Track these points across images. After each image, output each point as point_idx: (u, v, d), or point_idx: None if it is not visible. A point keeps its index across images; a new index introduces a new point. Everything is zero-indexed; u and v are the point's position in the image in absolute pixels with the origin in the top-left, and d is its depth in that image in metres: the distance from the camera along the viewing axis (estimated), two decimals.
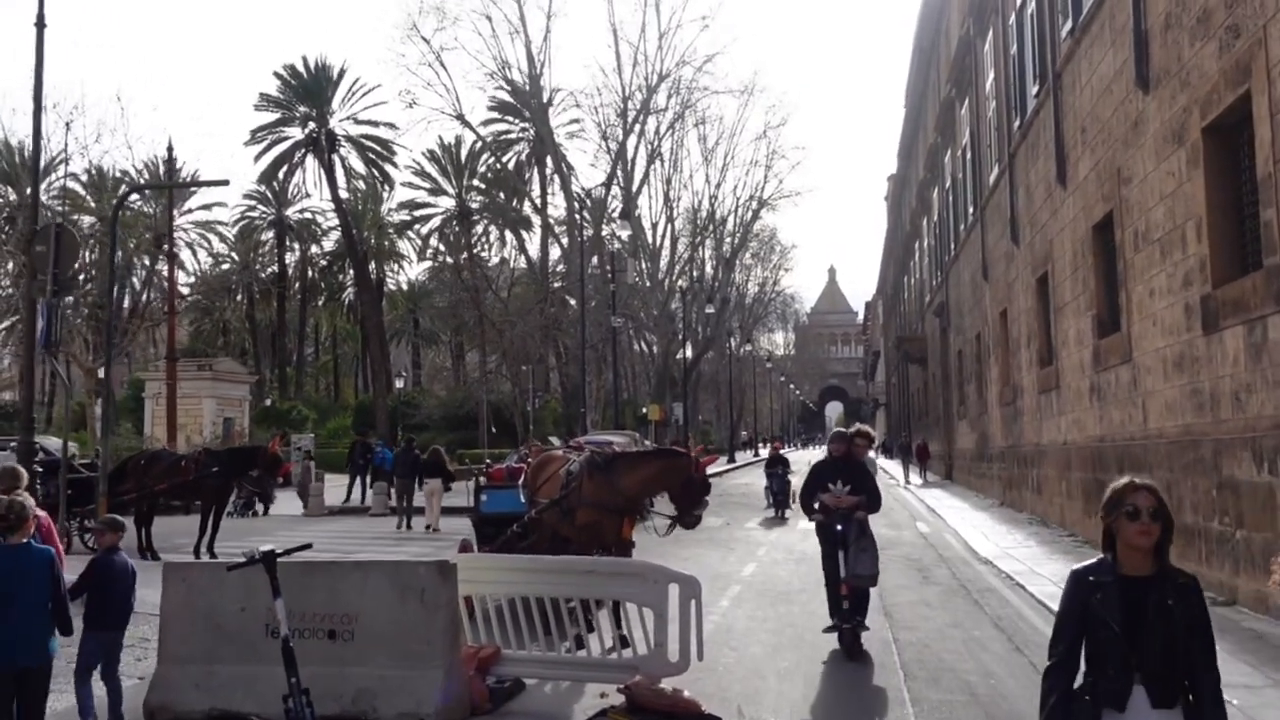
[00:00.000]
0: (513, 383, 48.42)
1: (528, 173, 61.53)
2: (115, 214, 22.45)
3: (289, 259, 72.77)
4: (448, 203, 67.29)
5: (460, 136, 63.49)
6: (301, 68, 61.05)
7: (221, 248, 71.71)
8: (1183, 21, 12.87)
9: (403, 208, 69.06)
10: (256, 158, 63.33)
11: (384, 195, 68.22)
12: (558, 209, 56.23)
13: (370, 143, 63.62)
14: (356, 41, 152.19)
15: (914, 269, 58.45)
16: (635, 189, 53.62)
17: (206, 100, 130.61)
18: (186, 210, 64.71)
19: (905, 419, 65.35)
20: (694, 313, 59.75)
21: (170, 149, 43.04)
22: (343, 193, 61.17)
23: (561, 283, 53.75)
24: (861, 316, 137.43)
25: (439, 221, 67.84)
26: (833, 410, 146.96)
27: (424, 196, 67.86)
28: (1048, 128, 20.46)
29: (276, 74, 61.22)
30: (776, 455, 28.23)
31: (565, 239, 53.73)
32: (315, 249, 74.07)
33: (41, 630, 6.46)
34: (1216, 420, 12.30)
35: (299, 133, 62.07)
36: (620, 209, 49.84)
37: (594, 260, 49.48)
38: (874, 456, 13.85)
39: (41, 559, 6.55)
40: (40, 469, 17.33)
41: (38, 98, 15.58)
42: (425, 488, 24.02)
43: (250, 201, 70.07)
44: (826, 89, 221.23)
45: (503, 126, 61.77)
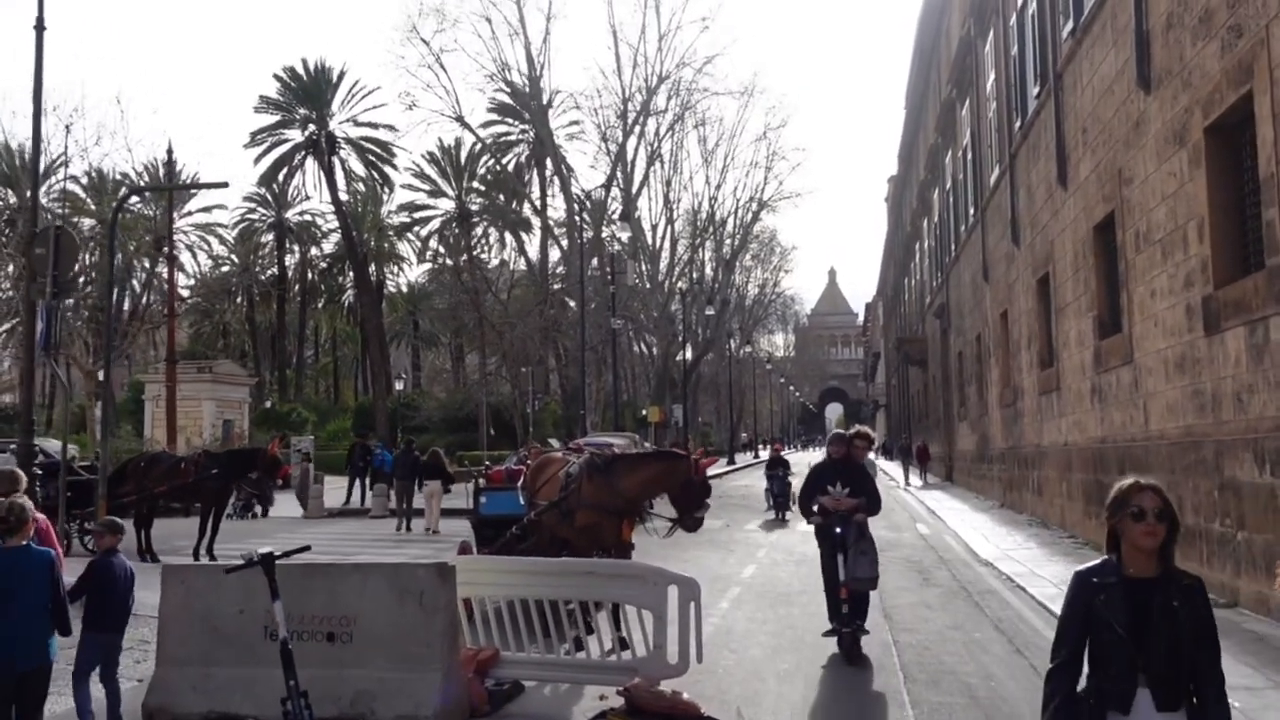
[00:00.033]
0: (512, 384, 48.40)
1: (527, 174, 61.59)
2: (114, 216, 22.42)
3: (289, 261, 72.87)
4: (447, 205, 67.39)
5: (460, 138, 63.69)
6: (301, 70, 61.18)
7: (221, 250, 71.90)
8: (1185, 21, 12.85)
9: (402, 210, 69.25)
10: (256, 160, 63.52)
11: (384, 197, 68.39)
12: (557, 211, 56.32)
13: (370, 145, 63.72)
14: (356, 44, 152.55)
15: (914, 270, 58.43)
16: (635, 191, 53.58)
17: (206, 103, 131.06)
18: (186, 213, 64.90)
19: (905, 420, 65.32)
20: (694, 314, 59.69)
21: (170, 151, 43.09)
22: (342, 195, 61.22)
23: (561, 284, 53.71)
24: (862, 318, 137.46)
25: (439, 223, 67.99)
26: (833, 412, 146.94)
27: (424, 198, 68.02)
28: (1049, 128, 20.43)
29: (276, 76, 61.43)
30: (777, 457, 28.20)
31: (565, 241, 53.76)
32: (315, 251, 74.23)
33: (41, 632, 6.46)
34: (1218, 421, 12.28)
35: (299, 135, 62.17)
36: (620, 211, 49.73)
37: (594, 262, 49.39)
38: (874, 458, 13.77)
39: (41, 561, 6.55)
40: (40, 471, 17.30)
41: (37, 100, 15.55)
42: (425, 490, 24.01)
43: (250, 204, 70.25)
44: (827, 90, 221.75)
45: (502, 128, 61.89)
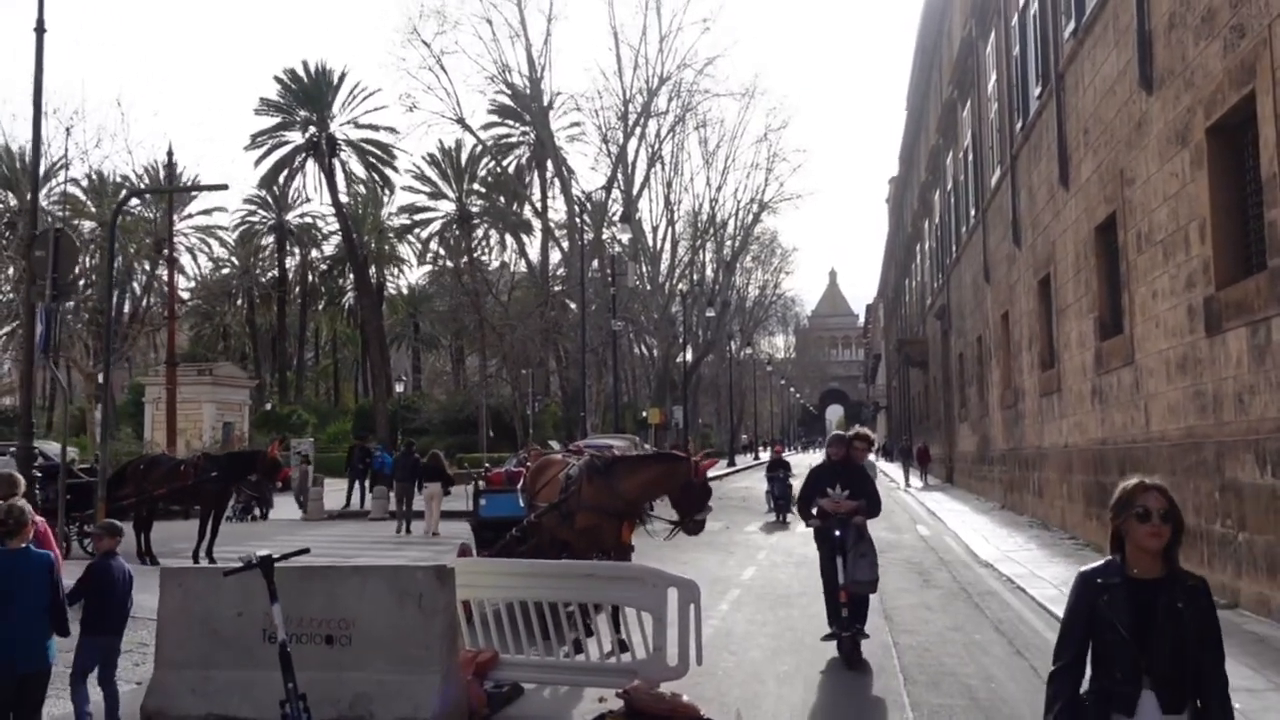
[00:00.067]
0: (513, 386, 48.42)
1: (528, 176, 61.57)
2: (114, 219, 22.40)
3: (289, 263, 72.93)
4: (448, 207, 67.40)
5: (460, 140, 63.69)
6: (302, 72, 61.23)
7: (222, 252, 71.94)
8: (1187, 21, 12.82)
9: (403, 212, 69.28)
10: (257, 162, 63.67)
11: (384, 199, 68.48)
12: (558, 213, 56.32)
13: (370, 147, 63.75)
14: (357, 46, 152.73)
15: (915, 271, 58.40)
16: (636, 192, 53.53)
17: (207, 105, 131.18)
18: (187, 215, 64.92)
19: (906, 422, 65.28)
20: (694, 316, 59.67)
21: (170, 154, 43.20)
22: (343, 197, 61.26)
23: (562, 286, 53.70)
24: (862, 319, 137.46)
25: (439, 225, 67.95)
26: (833, 413, 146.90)
27: (424, 200, 68.02)
28: (1050, 129, 20.41)
29: (277, 78, 61.48)
30: (778, 459, 28.15)
31: (565, 243, 53.76)
32: (315, 253, 74.26)
33: (41, 635, 6.45)
34: (1219, 422, 12.24)
35: (299, 137, 62.22)
36: (621, 212, 49.62)
37: (594, 264, 49.40)
38: (874, 460, 13.67)
39: (40, 563, 6.55)
40: (39, 474, 17.29)
41: (37, 103, 15.54)
42: (425, 492, 24.00)
43: (250, 206, 70.29)
44: (828, 92, 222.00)
45: (503, 130, 61.88)
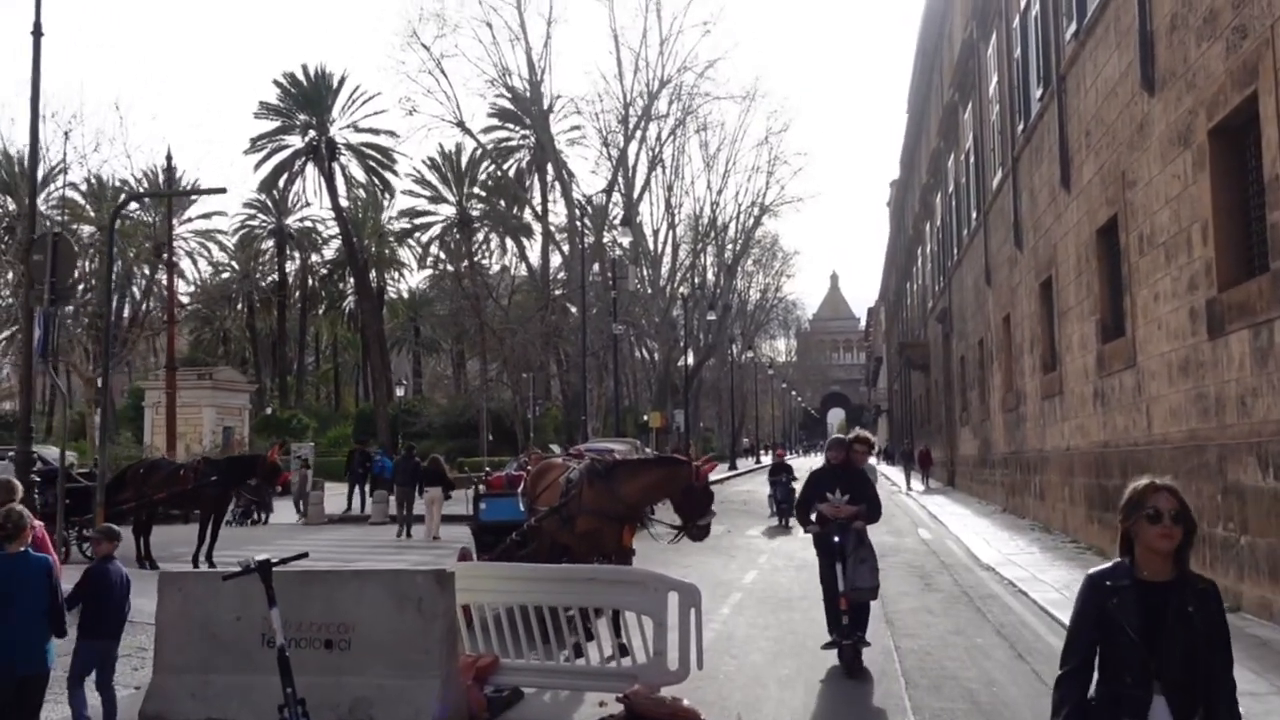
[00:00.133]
0: (513, 390, 48.33)
1: (528, 180, 61.48)
2: (112, 222, 22.31)
3: (289, 267, 72.93)
4: (448, 210, 67.32)
5: (460, 144, 63.63)
6: (301, 76, 61.20)
7: (221, 256, 71.95)
8: (1189, 22, 12.79)
9: (403, 216, 69.21)
10: (256, 166, 63.55)
11: (384, 203, 68.41)
12: (558, 216, 56.21)
13: (370, 151, 63.69)
14: (357, 49, 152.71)
15: (916, 275, 58.39)
16: (636, 196, 53.47)
17: (206, 109, 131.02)
18: (186, 219, 64.76)
19: (908, 425, 65.26)
20: (695, 320, 59.66)
21: (169, 158, 43.12)
22: (343, 201, 61.20)
23: (562, 290, 53.65)
24: (864, 323, 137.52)
25: (440, 229, 67.85)
26: (834, 417, 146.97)
27: (424, 204, 67.94)
28: (1051, 131, 20.38)
29: (276, 82, 61.42)
30: (780, 463, 28.09)
31: (566, 246, 53.72)
32: (315, 257, 74.29)
33: (39, 638, 6.45)
34: (1221, 425, 12.21)
35: (299, 141, 62.18)
36: (621, 216, 49.58)
37: (595, 267, 49.39)
38: (874, 463, 13.57)
39: (39, 567, 6.56)
40: (38, 479, 17.28)
41: (35, 106, 15.48)
42: (425, 496, 23.99)
43: (250, 210, 70.32)
44: (829, 94, 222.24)
45: (503, 134, 61.77)
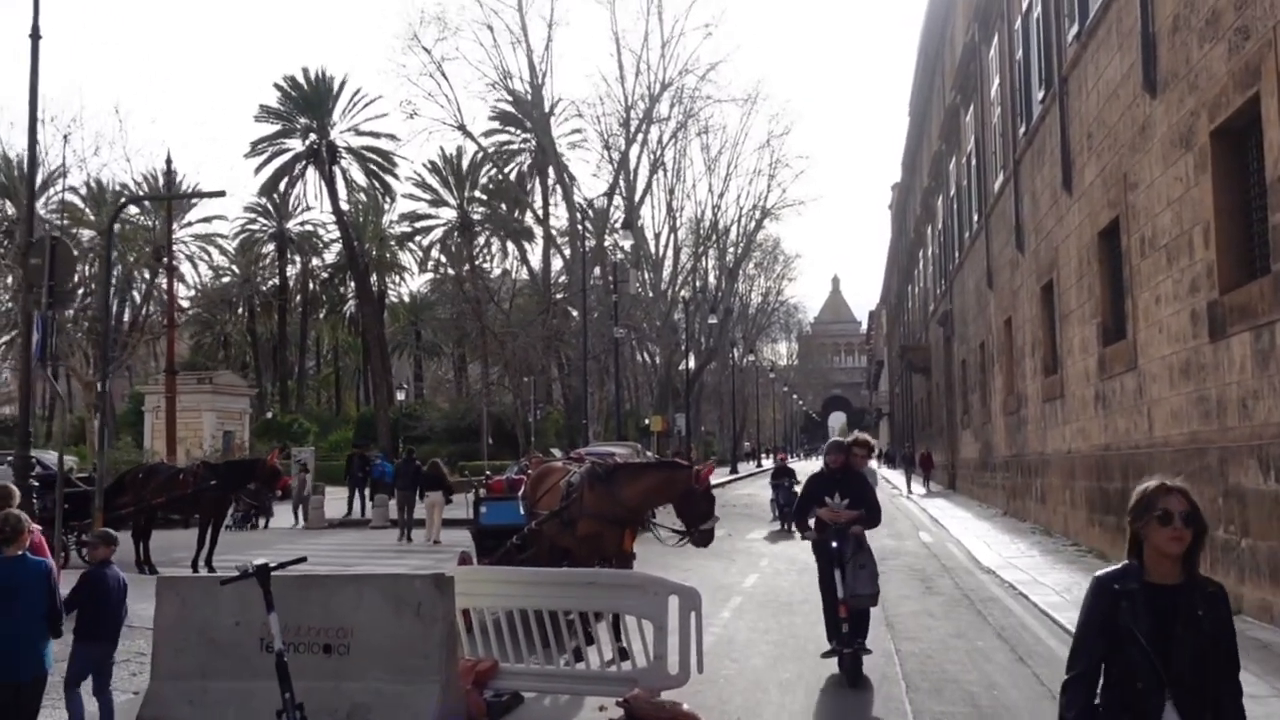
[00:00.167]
0: (515, 394, 48.29)
1: (529, 183, 61.44)
2: (111, 225, 22.27)
3: (290, 271, 72.79)
4: (449, 214, 67.30)
5: (461, 147, 63.47)
6: (302, 79, 61.13)
7: (222, 260, 71.82)
8: (1191, 23, 12.76)
9: (404, 219, 69.14)
10: (257, 170, 63.43)
11: (385, 207, 68.27)
12: (560, 220, 56.16)
13: (371, 154, 63.61)
14: (357, 52, 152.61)
15: (918, 278, 58.38)
16: (638, 199, 53.38)
17: (206, 113, 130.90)
18: (186, 223, 64.67)
19: (909, 429, 65.22)
20: (697, 323, 59.59)
21: (169, 161, 42.90)
22: (344, 204, 61.11)
23: (564, 294, 53.65)
24: (865, 326, 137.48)
25: (441, 233, 67.84)
26: (835, 420, 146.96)
27: (425, 208, 67.92)
28: (1053, 133, 20.36)
29: (277, 85, 61.33)
30: (782, 466, 27.97)
31: (567, 250, 53.62)
32: (316, 261, 74.10)
33: (38, 642, 6.45)
34: (1223, 428, 12.18)
35: (299, 144, 62.08)
36: (622, 219, 49.53)
37: (596, 271, 49.32)
38: (875, 466, 13.41)
39: (37, 571, 6.57)
40: (37, 483, 17.23)
41: (33, 109, 15.42)
42: (426, 500, 23.95)
43: (251, 214, 70.14)
44: (830, 97, 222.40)
45: (504, 137, 61.73)
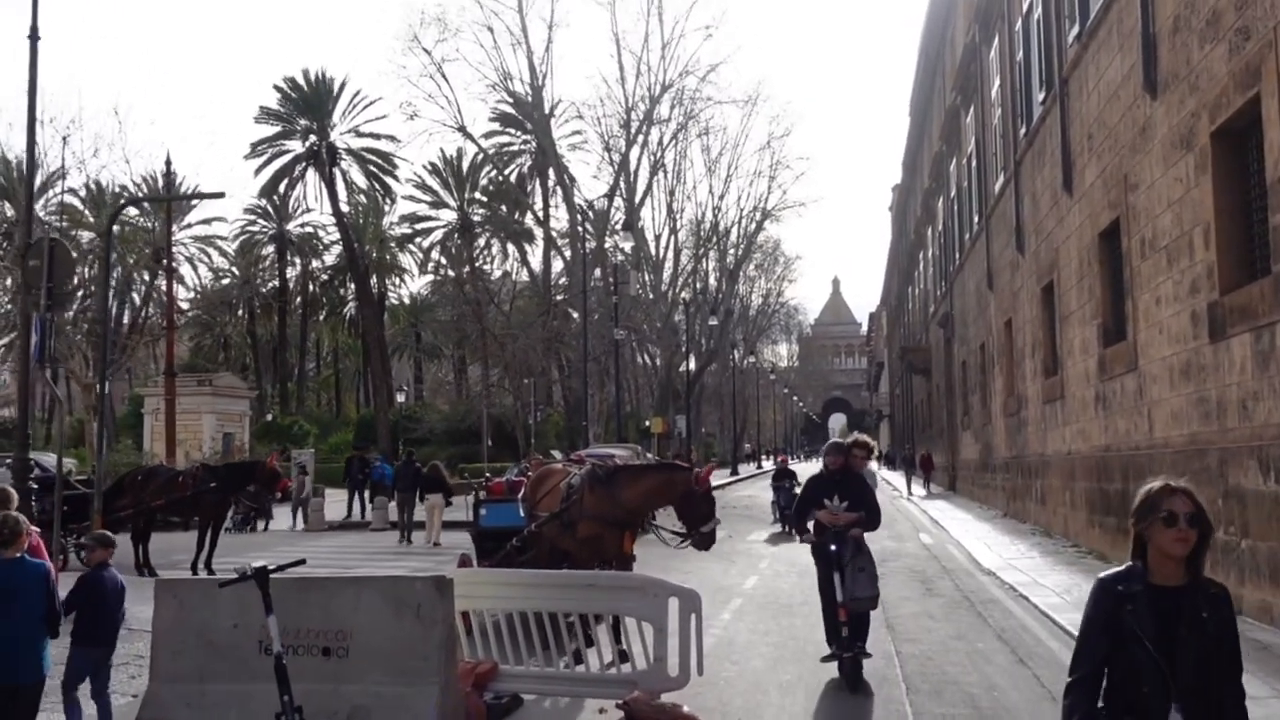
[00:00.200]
0: (515, 396, 48.28)
1: (530, 185, 61.38)
2: (109, 227, 22.23)
3: (290, 273, 72.75)
4: (449, 215, 67.26)
5: (462, 149, 63.42)
6: (302, 80, 61.08)
7: (222, 262, 71.68)
8: (1191, 24, 12.75)
9: (404, 221, 69.08)
10: (256, 171, 63.37)
11: (385, 208, 68.19)
12: (560, 221, 56.11)
13: (371, 156, 63.59)
14: (357, 53, 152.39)
15: (918, 279, 58.36)
16: (638, 201, 53.37)
17: (205, 114, 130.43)
18: (186, 225, 64.57)
19: (909, 430, 65.20)
20: (697, 325, 59.59)
21: (168, 163, 42.88)
22: (344, 206, 61.10)
23: (564, 295, 53.61)
24: (865, 328, 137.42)
25: (441, 234, 67.80)
26: (836, 422, 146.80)
27: (425, 209, 67.89)
28: (1054, 134, 20.35)
29: (276, 87, 61.28)
30: (783, 468, 27.88)
31: (568, 251, 53.63)
32: (316, 263, 74.03)
33: (36, 645, 6.45)
34: (1223, 429, 12.17)
35: (299, 146, 62.04)
36: (623, 221, 49.48)
37: (596, 273, 49.32)
38: (874, 468, 13.29)
39: (36, 573, 6.57)
40: (36, 486, 17.21)
41: (31, 111, 15.39)
42: (426, 502, 23.94)
43: (250, 216, 70.02)
44: (831, 99, 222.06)
45: (505, 138, 61.69)
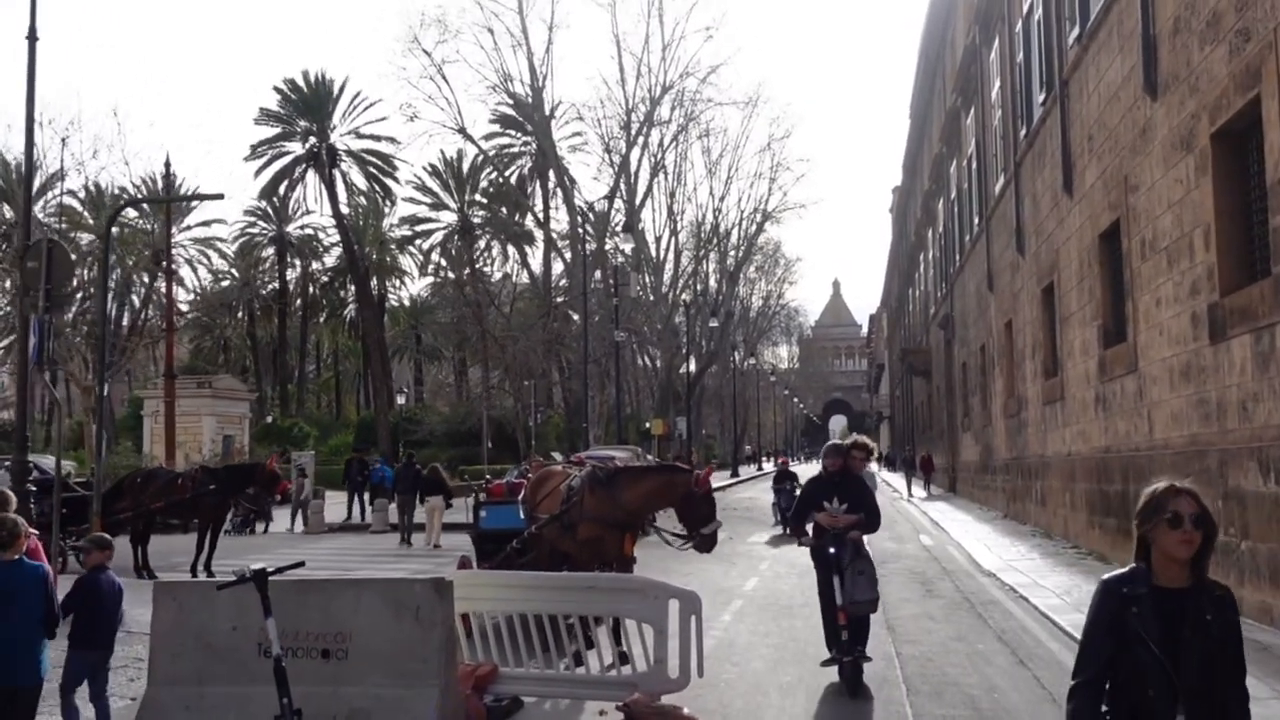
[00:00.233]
0: (515, 398, 48.27)
1: (530, 186, 61.37)
2: (108, 228, 22.24)
3: (290, 275, 72.73)
4: (450, 217, 67.26)
5: (462, 150, 63.41)
6: (302, 82, 61.07)
7: (221, 264, 71.68)
8: (1192, 25, 12.75)
9: (404, 223, 69.07)
10: (256, 173, 63.32)
11: (385, 210, 68.19)
12: (560, 223, 56.09)
13: (371, 157, 63.56)
14: (357, 55, 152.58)
15: (919, 281, 58.34)
16: (638, 202, 53.34)
17: (205, 116, 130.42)
18: (185, 227, 64.55)
19: (909, 432, 65.19)
20: (697, 326, 59.56)
21: (168, 164, 42.65)
22: (344, 208, 61.08)
23: (564, 297, 53.59)
24: (866, 329, 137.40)
25: (441, 236, 67.80)
26: (836, 423, 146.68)
27: (426, 211, 67.88)
28: (1054, 136, 20.34)
29: (276, 89, 61.26)
30: (784, 470, 27.86)
31: (568, 253, 53.65)
32: (316, 265, 74.02)
33: (34, 648, 6.44)
34: (1223, 430, 12.16)
35: (299, 148, 62.02)
36: (623, 223, 49.47)
37: (597, 274, 49.32)
38: (874, 469, 13.27)
39: (34, 575, 6.57)
40: (35, 488, 17.19)
41: (29, 112, 15.37)
42: (426, 504, 23.91)
43: (250, 218, 70.01)
44: (831, 100, 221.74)
45: (505, 140, 61.68)
